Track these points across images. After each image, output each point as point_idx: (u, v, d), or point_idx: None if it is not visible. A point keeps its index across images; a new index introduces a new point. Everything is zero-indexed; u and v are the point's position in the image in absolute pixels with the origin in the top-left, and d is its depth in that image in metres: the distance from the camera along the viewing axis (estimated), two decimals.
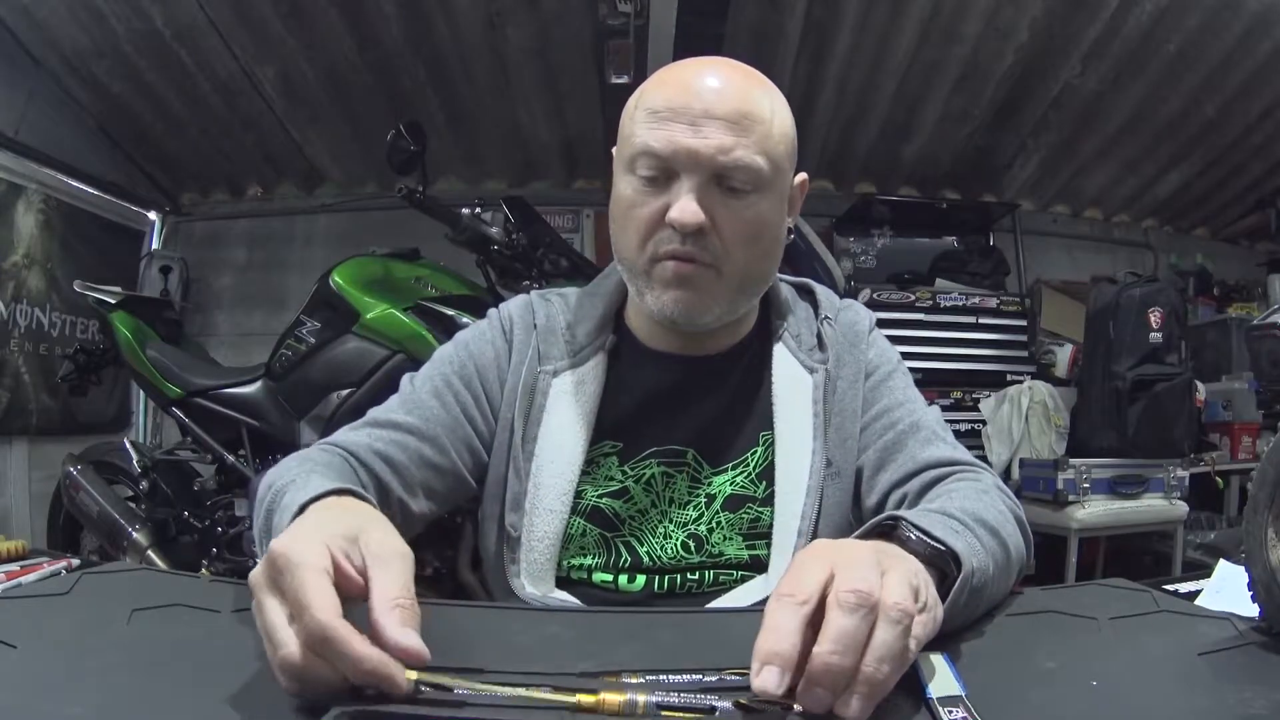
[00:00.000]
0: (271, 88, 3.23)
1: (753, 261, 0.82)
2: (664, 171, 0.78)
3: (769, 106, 0.80)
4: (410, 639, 0.44)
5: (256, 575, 0.48)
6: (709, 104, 0.77)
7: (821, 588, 0.45)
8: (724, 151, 0.76)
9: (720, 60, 0.82)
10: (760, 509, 0.86)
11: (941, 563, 0.56)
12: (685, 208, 0.76)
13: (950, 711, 0.44)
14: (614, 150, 0.88)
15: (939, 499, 0.74)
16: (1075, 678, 0.50)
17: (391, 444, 0.82)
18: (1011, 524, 0.71)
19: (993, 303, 3.49)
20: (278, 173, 3.86)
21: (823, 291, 0.96)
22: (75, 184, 3.33)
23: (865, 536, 0.58)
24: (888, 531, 0.58)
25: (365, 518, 0.56)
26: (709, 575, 0.86)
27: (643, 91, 0.82)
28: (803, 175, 0.87)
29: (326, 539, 0.49)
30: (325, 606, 0.44)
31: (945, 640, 0.53)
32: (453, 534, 2.04)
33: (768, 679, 0.42)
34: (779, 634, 0.43)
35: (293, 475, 0.67)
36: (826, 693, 0.42)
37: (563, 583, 0.86)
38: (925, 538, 0.56)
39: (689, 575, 0.86)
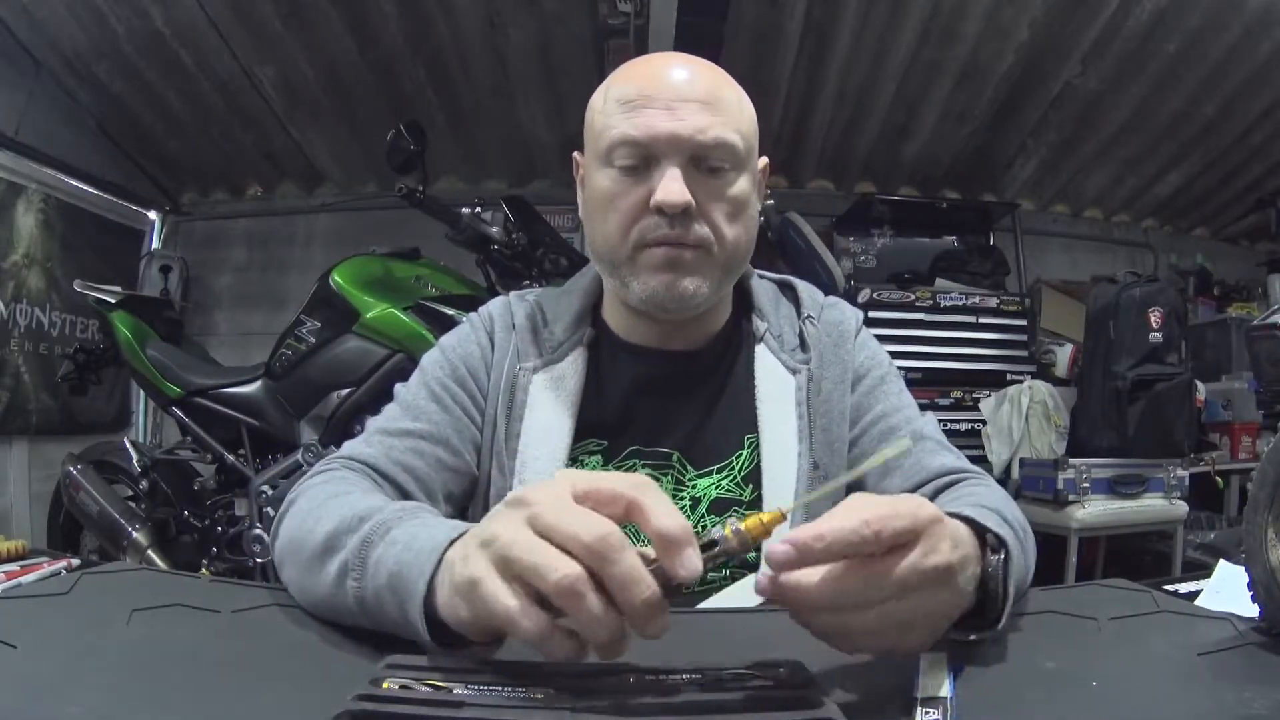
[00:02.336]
0: (271, 87, 3.23)
1: (736, 239, 0.82)
2: (643, 159, 0.78)
3: (733, 91, 0.83)
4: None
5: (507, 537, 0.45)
6: (681, 90, 0.78)
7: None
8: (702, 131, 0.77)
9: (680, 54, 0.84)
10: (746, 513, 0.86)
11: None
12: (670, 189, 0.76)
13: (927, 713, 0.44)
14: (575, 155, 0.88)
15: (967, 496, 0.75)
16: (1075, 678, 0.50)
17: (409, 452, 0.82)
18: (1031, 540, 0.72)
19: (993, 302, 3.49)
20: (278, 172, 3.86)
21: (805, 289, 0.95)
22: (75, 183, 3.33)
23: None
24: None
25: None
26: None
27: (609, 86, 0.83)
28: (764, 159, 0.88)
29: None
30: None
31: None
32: None
33: (776, 549, 0.45)
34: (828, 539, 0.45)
35: (393, 509, 0.61)
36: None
37: None
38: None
39: None
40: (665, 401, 0.88)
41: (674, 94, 0.78)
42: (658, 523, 0.44)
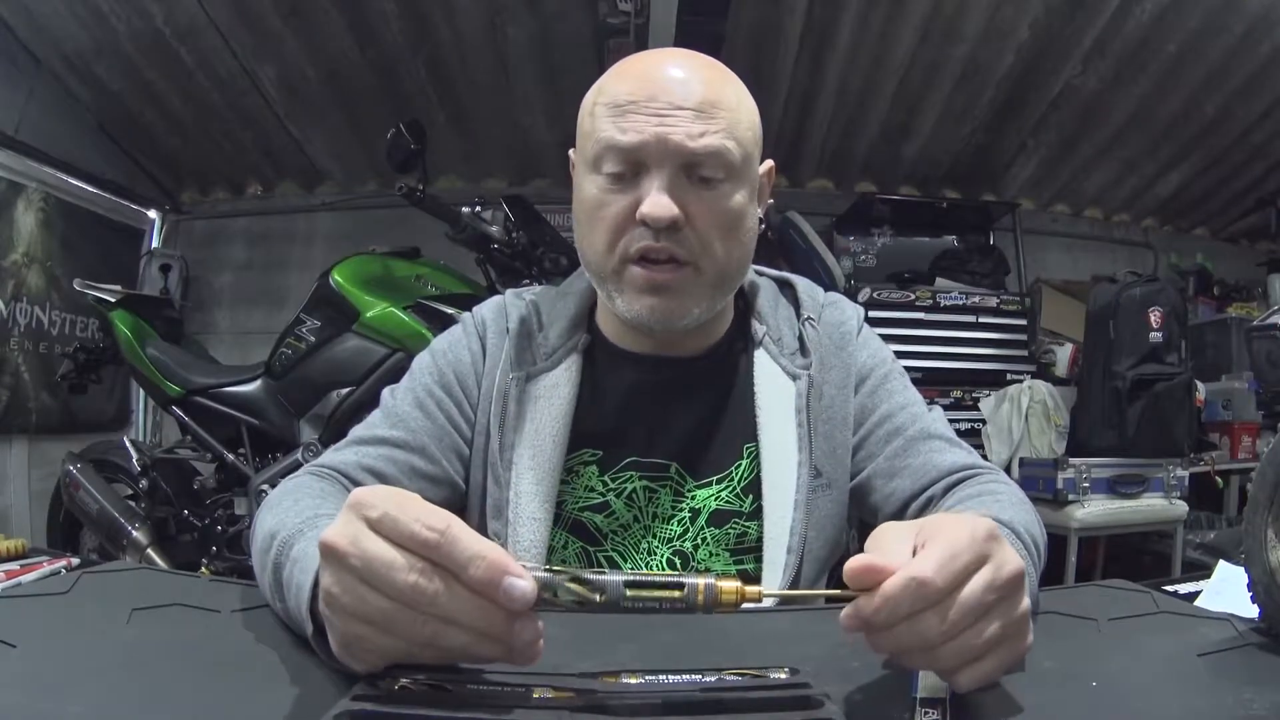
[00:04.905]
0: (272, 86, 3.23)
1: (730, 254, 0.78)
2: (632, 166, 0.75)
3: (734, 94, 0.78)
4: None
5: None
6: (674, 95, 0.74)
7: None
8: (693, 138, 0.73)
9: (680, 50, 0.80)
10: (747, 524, 0.84)
11: None
12: (657, 201, 0.73)
13: (927, 713, 0.44)
14: (571, 153, 0.85)
15: (981, 497, 0.74)
16: (1074, 679, 0.50)
17: (380, 459, 0.80)
18: (1044, 544, 0.71)
19: (993, 302, 3.49)
20: (278, 171, 3.86)
21: (804, 288, 0.92)
22: (75, 182, 3.33)
23: None
24: None
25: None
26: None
27: (601, 87, 0.79)
28: (769, 163, 0.85)
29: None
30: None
31: None
32: None
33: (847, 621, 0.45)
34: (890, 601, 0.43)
35: (296, 522, 0.60)
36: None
37: None
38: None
39: None
40: (663, 410, 0.86)
41: (667, 98, 0.73)
42: (470, 573, 0.42)
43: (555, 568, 0.45)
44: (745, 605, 0.45)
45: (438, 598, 0.42)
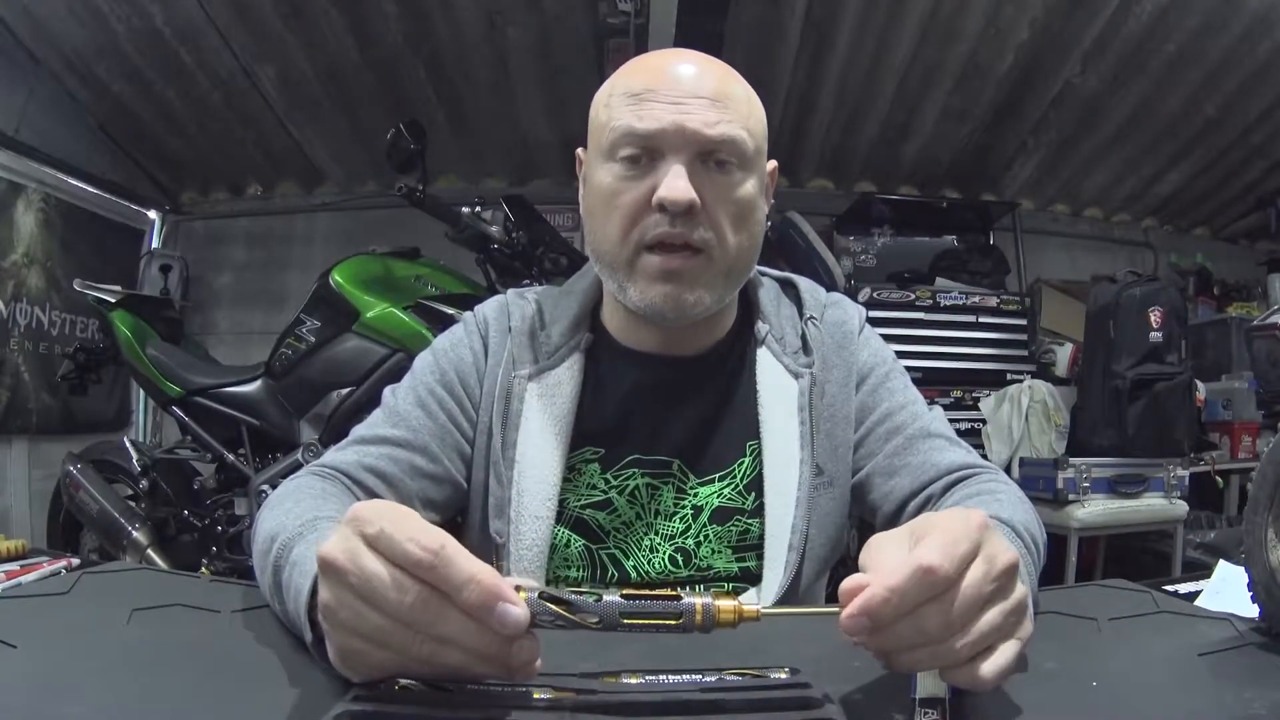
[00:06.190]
0: (271, 86, 3.23)
1: (740, 245, 0.79)
2: (648, 153, 0.76)
3: (743, 91, 0.81)
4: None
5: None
6: (689, 86, 0.76)
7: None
8: (710, 125, 0.75)
9: (689, 50, 0.82)
10: (749, 521, 0.84)
11: None
12: (675, 185, 0.74)
13: (926, 714, 0.44)
14: (579, 151, 0.86)
15: (980, 497, 0.74)
16: (1075, 678, 0.50)
17: (382, 458, 0.81)
18: (1043, 543, 0.71)
19: (993, 302, 3.49)
20: (277, 171, 3.86)
21: (807, 288, 0.93)
22: (75, 183, 3.33)
23: None
24: None
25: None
26: (698, 589, 0.84)
27: (615, 82, 0.80)
28: (773, 162, 0.86)
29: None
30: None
31: None
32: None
33: (850, 623, 0.44)
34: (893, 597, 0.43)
35: (296, 525, 0.60)
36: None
37: None
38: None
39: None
40: (665, 408, 0.86)
41: (681, 89, 0.75)
42: (464, 596, 0.42)
43: (550, 590, 0.45)
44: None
45: (434, 619, 0.42)
